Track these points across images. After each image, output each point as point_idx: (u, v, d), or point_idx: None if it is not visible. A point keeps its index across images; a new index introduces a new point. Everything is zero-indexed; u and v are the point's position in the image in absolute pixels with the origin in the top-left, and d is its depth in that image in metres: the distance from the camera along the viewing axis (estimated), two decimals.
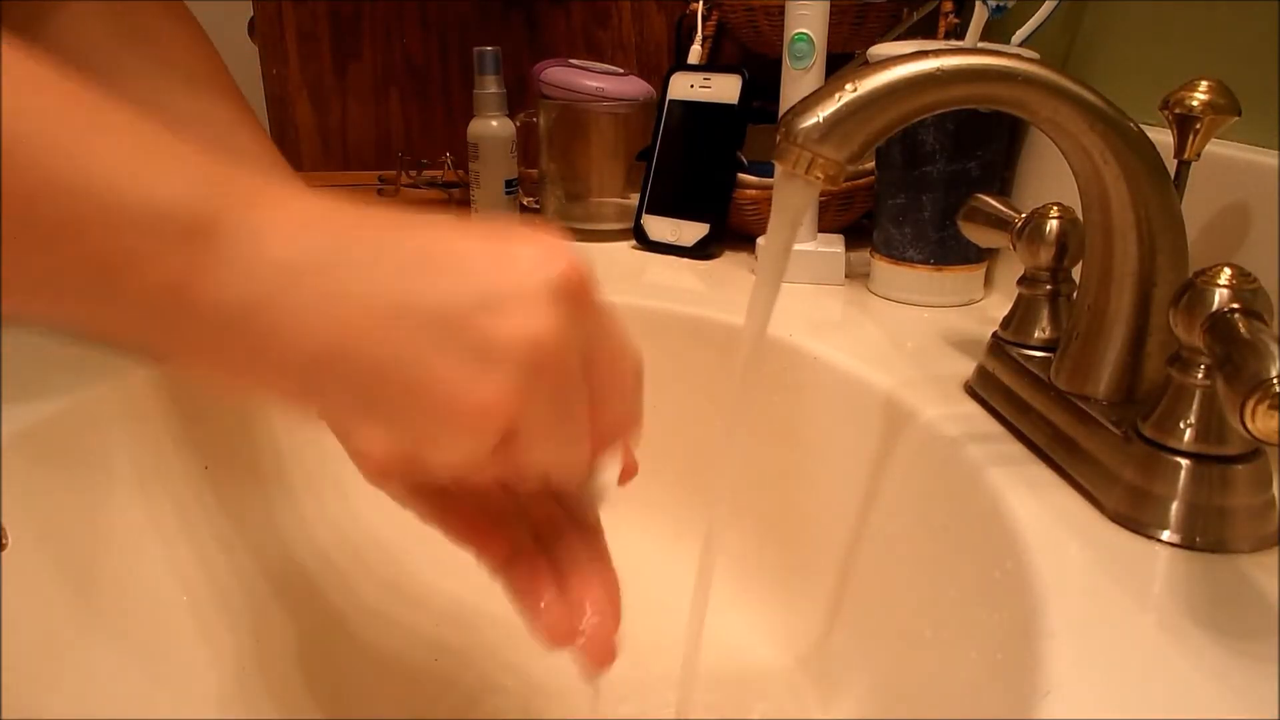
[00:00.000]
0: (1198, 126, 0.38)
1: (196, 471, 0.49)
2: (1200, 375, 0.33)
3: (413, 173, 0.79)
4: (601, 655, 0.31)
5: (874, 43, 0.69)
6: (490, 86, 0.74)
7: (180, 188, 0.23)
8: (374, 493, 0.31)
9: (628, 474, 0.36)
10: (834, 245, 0.64)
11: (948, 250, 0.57)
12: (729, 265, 0.69)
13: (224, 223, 0.23)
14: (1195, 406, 0.33)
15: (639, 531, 0.58)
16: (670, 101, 0.72)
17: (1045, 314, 0.44)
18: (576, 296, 0.26)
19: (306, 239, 0.24)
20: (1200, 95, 0.38)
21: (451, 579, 0.55)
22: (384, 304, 0.24)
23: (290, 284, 0.24)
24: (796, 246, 0.62)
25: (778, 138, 0.33)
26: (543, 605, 0.32)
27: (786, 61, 0.60)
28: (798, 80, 0.60)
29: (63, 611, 0.39)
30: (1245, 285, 0.31)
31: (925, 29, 0.73)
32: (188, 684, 0.43)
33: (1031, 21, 0.59)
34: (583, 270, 0.26)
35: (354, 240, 0.25)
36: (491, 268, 0.25)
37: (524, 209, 0.79)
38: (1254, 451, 0.33)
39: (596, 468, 0.32)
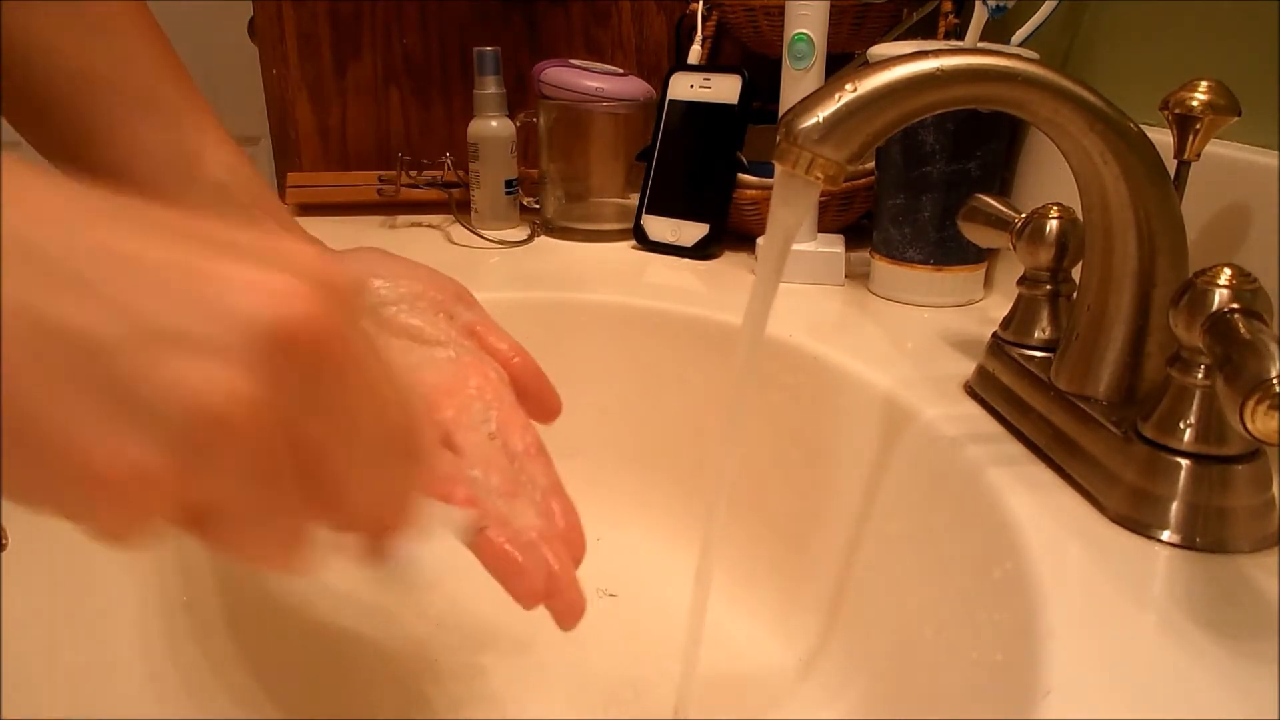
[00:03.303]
0: (1198, 126, 0.38)
1: None
2: (1200, 375, 0.33)
3: (413, 173, 0.79)
4: (570, 610, 0.31)
5: (874, 43, 0.69)
6: (490, 87, 0.74)
7: None
8: None
9: (552, 414, 0.36)
10: (834, 245, 0.64)
11: (948, 250, 0.57)
12: (729, 265, 0.69)
13: None
14: (1195, 407, 0.33)
15: (638, 531, 0.59)
16: (670, 101, 0.72)
17: (1045, 314, 0.44)
18: (298, 353, 0.19)
19: None
20: (1200, 95, 0.38)
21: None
22: (12, 312, 0.18)
23: None
24: (796, 247, 0.62)
25: (778, 138, 0.33)
26: (515, 569, 0.31)
27: (786, 61, 0.60)
28: (798, 80, 0.60)
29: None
30: (1245, 285, 0.31)
31: (925, 29, 0.73)
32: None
33: (1031, 21, 0.59)
34: (320, 318, 0.20)
35: (16, 225, 0.19)
36: (174, 294, 0.19)
37: (524, 209, 0.79)
38: (1254, 452, 0.33)
39: (384, 548, 0.26)
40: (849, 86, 0.32)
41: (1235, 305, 0.30)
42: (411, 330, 0.37)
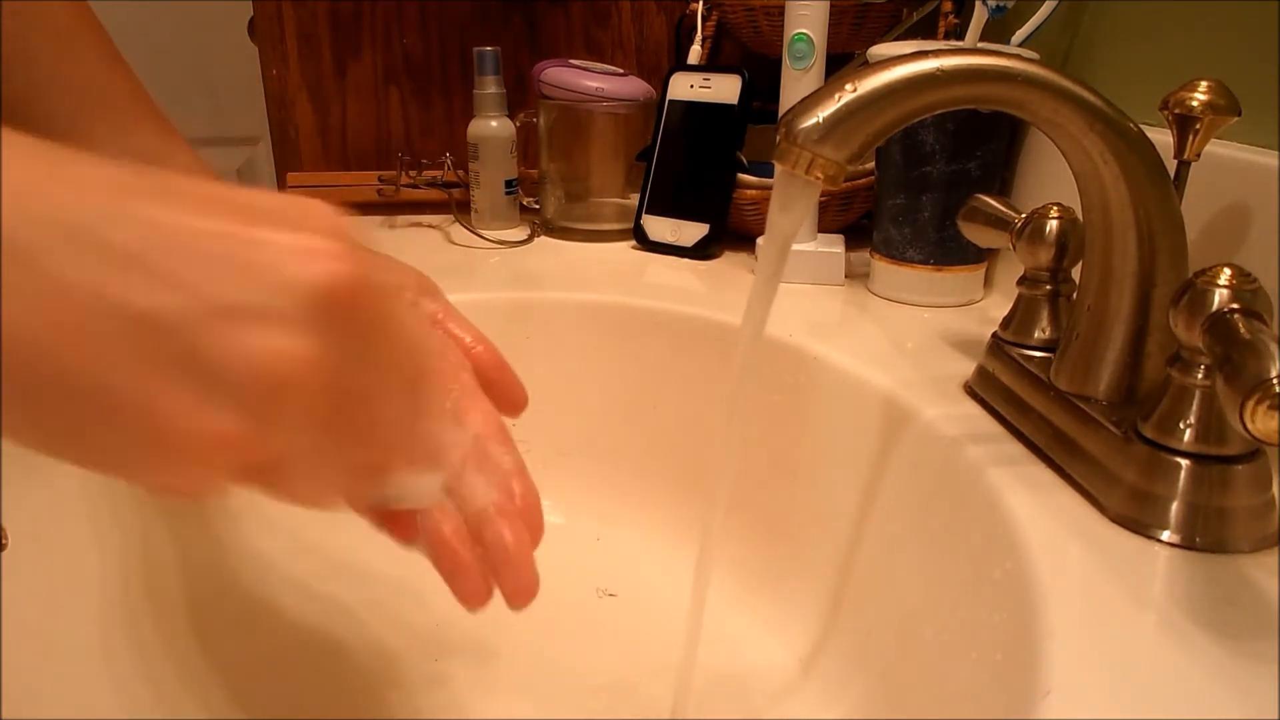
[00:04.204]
0: (1198, 126, 0.38)
1: None
2: (1200, 375, 0.33)
3: (413, 173, 0.79)
4: (521, 590, 0.30)
5: (874, 43, 0.69)
6: (490, 87, 0.74)
7: None
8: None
9: (517, 406, 0.35)
10: (834, 245, 0.64)
11: (948, 250, 0.57)
12: (729, 265, 0.69)
13: None
14: (1195, 407, 0.33)
15: (638, 531, 0.59)
16: (670, 102, 0.72)
17: (1045, 314, 0.44)
18: (345, 311, 0.21)
19: (15, 209, 0.19)
20: (1200, 95, 0.38)
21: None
22: (88, 299, 0.19)
23: None
24: (796, 247, 0.62)
25: (778, 138, 0.33)
26: (460, 566, 0.30)
27: (786, 61, 0.60)
28: (798, 80, 0.60)
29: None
30: (1245, 285, 0.31)
31: (925, 29, 0.73)
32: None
33: (1031, 21, 0.59)
34: (357, 275, 0.21)
35: (74, 211, 0.19)
36: (224, 265, 0.20)
37: (524, 209, 0.79)
38: (1254, 452, 0.33)
39: (384, 483, 0.28)
40: (849, 86, 0.32)
41: (1235, 305, 0.30)
42: None
